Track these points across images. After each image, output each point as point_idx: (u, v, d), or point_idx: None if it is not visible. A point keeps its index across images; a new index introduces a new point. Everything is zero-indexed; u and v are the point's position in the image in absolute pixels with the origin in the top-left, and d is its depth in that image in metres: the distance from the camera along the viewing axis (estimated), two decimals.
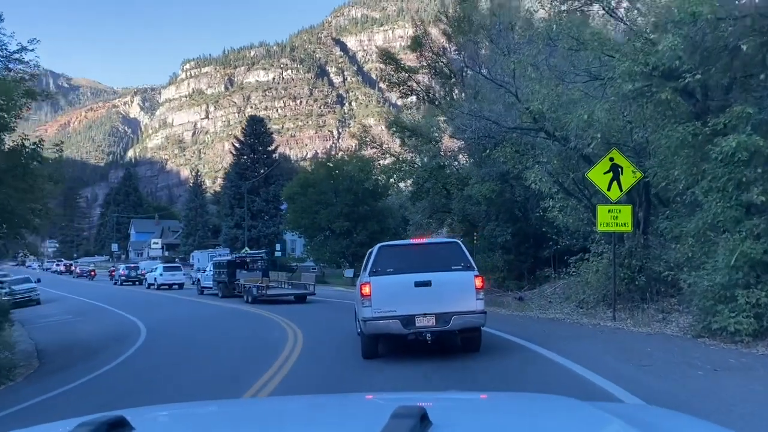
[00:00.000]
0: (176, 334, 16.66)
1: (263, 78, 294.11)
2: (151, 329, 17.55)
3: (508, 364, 8.70)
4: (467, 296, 8.73)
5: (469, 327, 8.88)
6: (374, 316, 8.59)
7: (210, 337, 15.16)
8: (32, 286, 32.44)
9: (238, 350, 12.57)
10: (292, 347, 11.46)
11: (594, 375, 7.06)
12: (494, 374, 8.07)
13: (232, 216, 52.69)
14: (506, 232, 20.76)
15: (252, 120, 55.92)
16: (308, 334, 13.47)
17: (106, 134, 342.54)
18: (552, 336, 10.73)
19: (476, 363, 8.73)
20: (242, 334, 15.21)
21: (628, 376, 7.01)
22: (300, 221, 39.13)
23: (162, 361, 12.53)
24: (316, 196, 38.44)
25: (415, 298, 8.59)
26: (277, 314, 18.38)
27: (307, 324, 15.48)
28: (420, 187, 23.56)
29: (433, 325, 8.55)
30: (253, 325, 17.06)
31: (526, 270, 22.38)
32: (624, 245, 13.68)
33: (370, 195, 39.24)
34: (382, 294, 8.65)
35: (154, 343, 15.07)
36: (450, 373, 8.19)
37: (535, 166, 13.33)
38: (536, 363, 8.48)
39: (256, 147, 53.36)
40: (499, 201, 20.62)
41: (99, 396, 8.94)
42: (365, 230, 38.45)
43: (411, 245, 9.81)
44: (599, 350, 9.14)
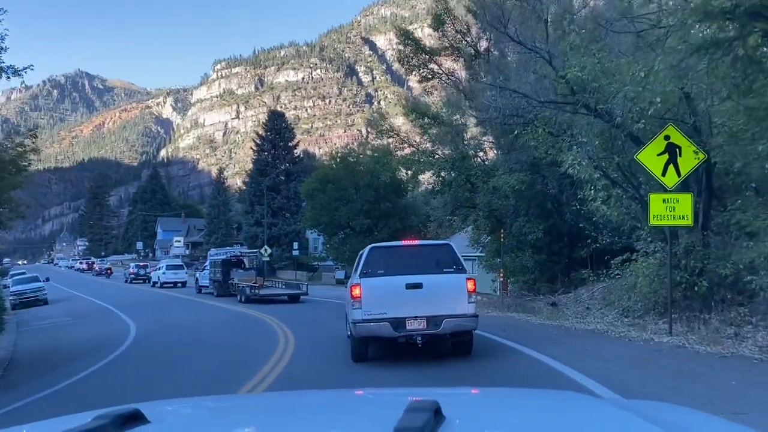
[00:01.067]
0: (160, 341, 15.39)
1: (293, 78, 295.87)
2: (138, 335, 16.48)
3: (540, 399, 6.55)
4: (459, 299, 8.53)
5: (461, 330, 8.67)
6: (364, 318, 8.38)
7: (195, 344, 14.00)
8: (39, 286, 31.35)
9: (221, 360, 11.41)
10: (281, 353, 10.79)
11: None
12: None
13: (253, 213, 51.19)
14: (537, 228, 18.48)
15: (273, 115, 54.31)
16: (299, 336, 13.03)
17: (140, 134, 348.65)
18: (597, 356, 8.56)
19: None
20: (230, 340, 14.47)
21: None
22: (319, 218, 37.31)
23: (136, 372, 11.15)
24: (335, 193, 36.57)
25: (406, 300, 8.40)
26: (268, 315, 18.07)
27: (299, 327, 15.06)
28: (441, 180, 21.42)
29: (423, 328, 8.37)
30: (243, 329, 16.30)
31: (559, 271, 20.06)
32: (679, 243, 11.36)
33: (392, 191, 37.21)
34: (373, 296, 8.44)
35: (134, 351, 13.77)
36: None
37: (573, 147, 11.09)
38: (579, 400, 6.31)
39: (277, 143, 51.74)
40: (529, 194, 18.37)
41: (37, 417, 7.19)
42: (387, 228, 36.43)
43: (402, 246, 9.55)
44: (666, 385, 6.76)
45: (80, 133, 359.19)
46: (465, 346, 9.07)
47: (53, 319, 23.52)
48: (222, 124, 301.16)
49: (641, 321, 11.86)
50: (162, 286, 38.26)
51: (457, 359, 9.01)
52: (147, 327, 18.11)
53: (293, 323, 15.85)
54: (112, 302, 27.99)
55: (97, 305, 27.98)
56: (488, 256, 22.58)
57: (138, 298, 31.74)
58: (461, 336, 8.88)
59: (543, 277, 20.07)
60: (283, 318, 17.15)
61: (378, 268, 8.74)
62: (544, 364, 8.24)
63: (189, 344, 14.03)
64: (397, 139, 21.99)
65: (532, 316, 15.39)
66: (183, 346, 13.72)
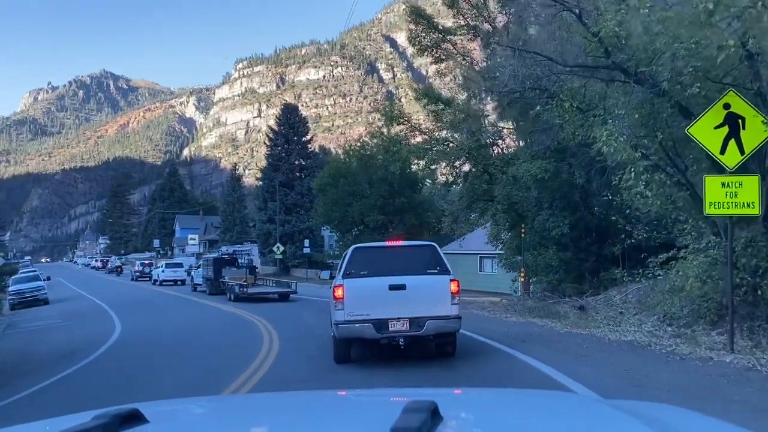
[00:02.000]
0: (139, 345, 14.28)
1: (314, 76, 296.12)
2: (118, 339, 15.25)
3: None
4: (442, 301, 8.44)
5: (444, 332, 8.58)
6: (347, 319, 8.31)
7: (173, 349, 13.03)
8: (39, 285, 30.28)
9: (200, 365, 10.54)
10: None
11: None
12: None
13: (266, 210, 49.73)
14: (562, 223, 16.50)
15: (286, 109, 52.68)
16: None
17: (163, 134, 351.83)
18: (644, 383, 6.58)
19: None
20: (213, 342, 13.72)
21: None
22: (331, 215, 35.66)
23: (99, 383, 9.94)
24: (348, 187, 34.90)
25: (389, 301, 8.34)
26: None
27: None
28: (456, 171, 19.53)
29: (406, 329, 8.32)
30: (227, 330, 15.73)
31: (587, 271, 18.05)
32: (737, 237, 9.35)
33: (408, 185, 35.40)
34: (356, 297, 8.37)
35: (107, 358, 12.56)
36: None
37: (607, 122, 9.13)
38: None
39: (291, 137, 50.13)
40: (553, 184, 16.41)
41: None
42: (402, 224, 34.67)
43: (386, 247, 9.46)
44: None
45: (105, 132, 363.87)
46: (448, 348, 8.98)
47: (46, 320, 22.27)
48: (244, 122, 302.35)
49: (689, 331, 9.88)
50: (161, 284, 39.12)
51: (459, 372, 8.35)
52: (131, 329, 17.09)
53: (279, 323, 15.46)
54: (109, 302, 27.21)
55: (94, 305, 26.82)
56: (508, 253, 20.65)
57: (135, 296, 31.27)
58: (445, 337, 8.77)
59: (568, 276, 18.09)
60: (269, 317, 16.78)
61: (361, 269, 8.63)
62: (578, 394, 6.33)
63: (167, 349, 12.98)
64: (408, 126, 20.12)
65: (557, 321, 13.46)
66: (161, 351, 12.71)
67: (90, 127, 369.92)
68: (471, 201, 20.11)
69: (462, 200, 20.20)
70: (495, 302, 19.94)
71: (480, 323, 13.99)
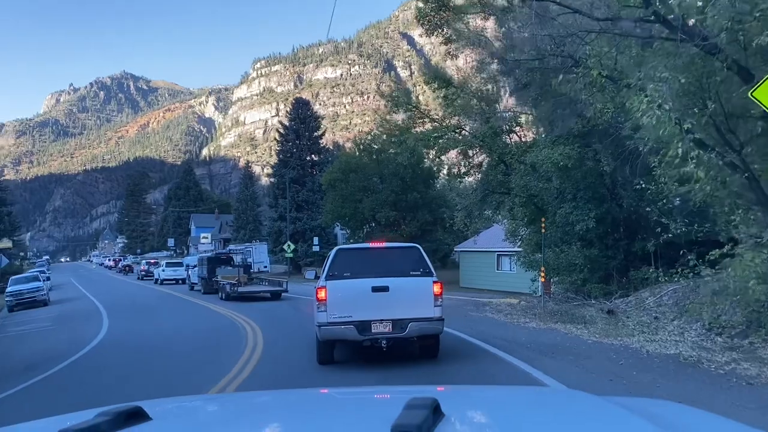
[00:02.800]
0: (115, 352, 12.94)
1: (331, 74, 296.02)
2: (96, 346, 13.89)
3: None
4: (425, 303, 8.40)
5: (427, 334, 8.56)
6: (329, 321, 8.31)
7: (150, 356, 11.90)
8: (37, 286, 29.08)
9: (176, 374, 9.53)
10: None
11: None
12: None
13: (276, 208, 48.38)
14: (587, 216, 14.77)
15: (297, 102, 51.19)
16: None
17: (183, 134, 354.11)
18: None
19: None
20: (195, 345, 12.84)
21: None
22: (340, 211, 34.17)
23: (54, 401, 8.39)
24: (358, 182, 33.39)
25: (371, 303, 8.32)
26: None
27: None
28: (468, 161, 17.87)
29: (389, 331, 8.30)
30: (213, 332, 14.89)
31: (614, 269, 16.31)
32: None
33: (421, 180, 33.80)
34: (339, 299, 8.37)
35: (75, 367, 11.22)
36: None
37: (646, 87, 7.43)
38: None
39: (302, 132, 48.65)
40: (577, 173, 14.70)
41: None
42: (415, 221, 33.09)
43: (370, 249, 9.46)
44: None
45: (126, 133, 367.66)
46: (431, 350, 8.96)
47: (36, 323, 21.12)
48: (262, 122, 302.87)
49: (746, 343, 8.18)
50: (162, 283, 39.60)
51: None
52: (114, 334, 15.88)
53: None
54: (106, 302, 26.49)
55: (91, 306, 25.72)
56: (526, 251, 18.95)
57: (133, 296, 30.80)
58: (428, 339, 8.76)
59: (594, 276, 16.35)
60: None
61: (344, 271, 8.55)
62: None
63: (143, 357, 11.86)
64: (416, 113, 18.46)
65: (583, 328, 11.79)
66: (137, 359, 11.62)
67: (111, 127, 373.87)
68: (485, 194, 18.44)
69: (475, 193, 18.54)
70: (513, 304, 18.28)
71: (495, 329, 12.36)
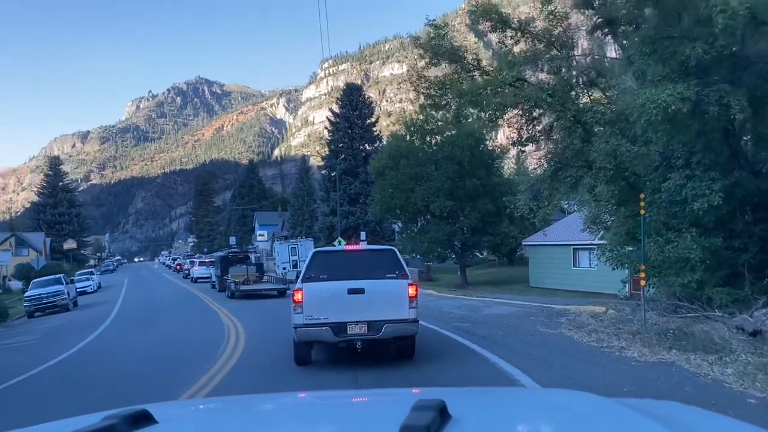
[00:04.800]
0: (53, 383, 10.01)
1: (397, 71, 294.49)
2: (48, 369, 11.32)
3: None
4: (400, 304, 8.53)
5: (402, 335, 8.66)
6: (305, 323, 8.40)
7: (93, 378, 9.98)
8: (57, 290, 26.63)
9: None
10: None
11: None
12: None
13: (328, 202, 45.10)
14: (710, 190, 10.10)
15: (348, 89, 47.42)
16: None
17: (255, 135, 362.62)
18: None
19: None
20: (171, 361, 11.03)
21: None
22: (390, 202, 30.16)
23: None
24: (409, 169, 29.29)
25: (347, 305, 8.44)
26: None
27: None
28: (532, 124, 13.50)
29: (364, 332, 8.41)
30: (190, 346, 12.84)
31: (746, 266, 11.43)
32: None
33: (481, 164, 29.28)
34: (315, 301, 8.47)
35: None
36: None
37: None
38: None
39: (354, 120, 45.03)
40: (692, 126, 10.06)
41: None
42: (475, 211, 28.64)
43: (346, 252, 9.92)
44: None
45: (202, 136, 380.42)
46: (407, 350, 9.05)
47: (24, 336, 18.59)
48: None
49: None
50: (196, 281, 40.26)
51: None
52: (85, 351, 13.50)
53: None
54: (124, 307, 25.20)
55: (104, 313, 23.24)
56: (614, 242, 14.35)
57: (155, 299, 29.18)
58: (403, 340, 8.82)
59: (714, 276, 11.57)
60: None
61: (321, 273, 8.70)
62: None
63: (87, 379, 9.87)
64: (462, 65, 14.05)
65: (717, 361, 7.32)
66: (80, 382, 9.62)
67: (188, 131, 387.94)
68: (557, 168, 13.93)
69: (544, 170, 14.10)
70: (598, 313, 13.75)
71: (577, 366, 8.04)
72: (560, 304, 16.89)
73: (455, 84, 13.33)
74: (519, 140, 13.69)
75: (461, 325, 13.16)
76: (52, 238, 72.37)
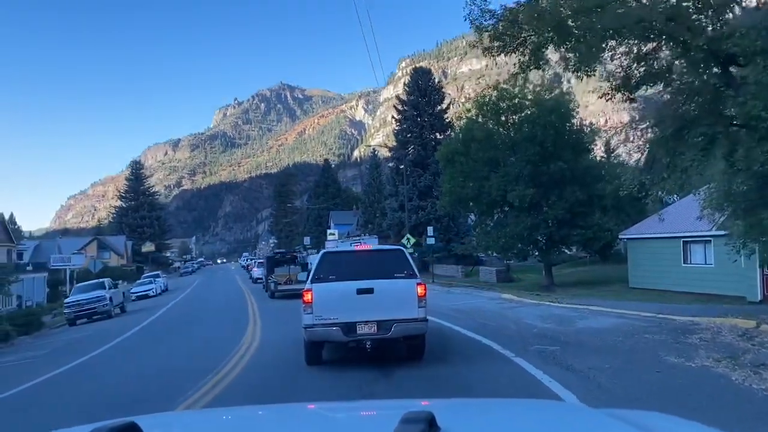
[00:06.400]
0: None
1: (476, 66, 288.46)
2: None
3: None
4: (409, 304, 8.54)
5: (411, 335, 8.66)
6: (315, 323, 8.46)
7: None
8: (98, 296, 24.77)
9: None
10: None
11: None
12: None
13: (396, 196, 41.69)
14: None
15: (417, 73, 43.54)
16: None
17: (336, 138, 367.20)
18: None
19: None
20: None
21: None
22: (461, 192, 26.36)
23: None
24: (482, 153, 25.40)
25: (356, 305, 8.47)
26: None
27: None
28: (646, 63, 9.47)
29: (374, 332, 8.44)
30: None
31: None
32: None
33: (567, 145, 24.90)
34: (324, 301, 8.51)
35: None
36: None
37: None
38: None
39: (422, 107, 41.41)
40: None
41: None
42: (562, 201, 24.32)
43: (355, 252, 9.71)
44: None
45: (285, 141, 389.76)
46: (417, 350, 9.00)
47: (32, 352, 16.56)
48: None
49: None
50: (256, 282, 40.92)
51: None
52: (79, 372, 11.34)
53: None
54: (171, 312, 24.07)
55: (140, 320, 21.19)
56: (748, 226, 10.14)
57: (206, 302, 28.68)
58: (413, 339, 8.83)
59: None
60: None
61: (330, 274, 8.70)
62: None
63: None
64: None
65: None
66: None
67: (272, 136, 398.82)
68: (681, 126, 9.79)
69: (662, 125, 9.98)
70: (746, 329, 9.54)
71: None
72: (681, 313, 12.60)
73: (530, 9, 9.48)
74: (626, 84, 9.64)
75: (548, 349, 9.35)
76: (133, 241, 73.81)
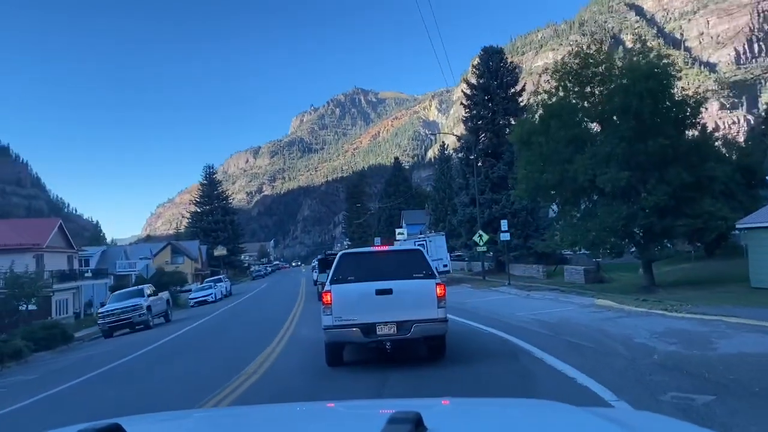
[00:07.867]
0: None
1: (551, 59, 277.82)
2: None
3: None
4: (428, 304, 8.52)
5: (431, 335, 8.69)
6: (334, 324, 8.51)
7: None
8: (134, 304, 23.08)
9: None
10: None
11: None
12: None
13: (467, 190, 38.23)
14: None
15: (486, 53, 39.44)
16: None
17: (410, 139, 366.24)
18: None
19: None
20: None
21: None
22: (539, 179, 22.76)
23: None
24: (564, 132, 21.75)
25: (376, 306, 8.50)
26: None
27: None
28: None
29: (393, 333, 8.48)
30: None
31: None
32: None
33: (669, 121, 20.80)
34: (343, 302, 8.56)
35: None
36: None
37: None
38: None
39: (493, 90, 37.74)
40: None
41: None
42: (663, 184, 20.28)
43: (373, 253, 9.76)
44: None
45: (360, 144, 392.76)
46: (438, 350, 9.07)
47: (26, 376, 14.93)
48: None
49: None
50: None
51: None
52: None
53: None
54: (206, 322, 22.52)
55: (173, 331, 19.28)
56: None
57: (257, 307, 28.49)
58: (433, 340, 8.87)
59: None
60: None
61: (348, 275, 8.76)
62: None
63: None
64: None
65: None
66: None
67: (347, 140, 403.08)
68: None
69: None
70: None
71: None
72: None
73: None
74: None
75: (693, 399, 5.73)
76: (207, 246, 74.28)
